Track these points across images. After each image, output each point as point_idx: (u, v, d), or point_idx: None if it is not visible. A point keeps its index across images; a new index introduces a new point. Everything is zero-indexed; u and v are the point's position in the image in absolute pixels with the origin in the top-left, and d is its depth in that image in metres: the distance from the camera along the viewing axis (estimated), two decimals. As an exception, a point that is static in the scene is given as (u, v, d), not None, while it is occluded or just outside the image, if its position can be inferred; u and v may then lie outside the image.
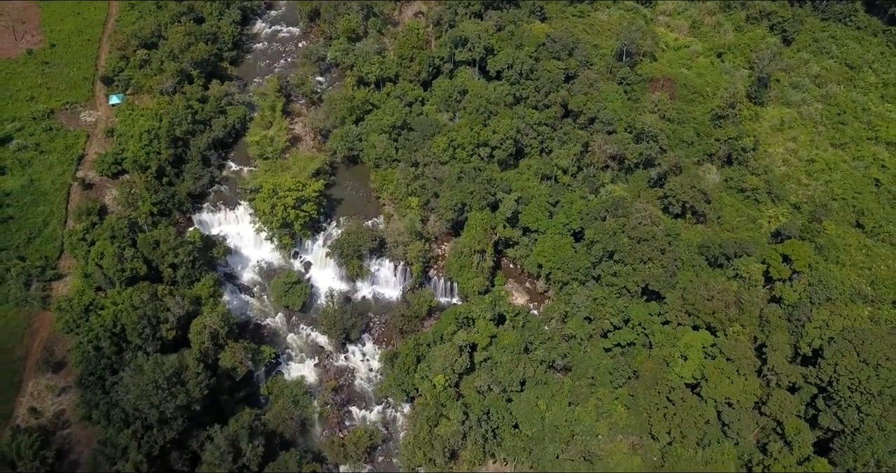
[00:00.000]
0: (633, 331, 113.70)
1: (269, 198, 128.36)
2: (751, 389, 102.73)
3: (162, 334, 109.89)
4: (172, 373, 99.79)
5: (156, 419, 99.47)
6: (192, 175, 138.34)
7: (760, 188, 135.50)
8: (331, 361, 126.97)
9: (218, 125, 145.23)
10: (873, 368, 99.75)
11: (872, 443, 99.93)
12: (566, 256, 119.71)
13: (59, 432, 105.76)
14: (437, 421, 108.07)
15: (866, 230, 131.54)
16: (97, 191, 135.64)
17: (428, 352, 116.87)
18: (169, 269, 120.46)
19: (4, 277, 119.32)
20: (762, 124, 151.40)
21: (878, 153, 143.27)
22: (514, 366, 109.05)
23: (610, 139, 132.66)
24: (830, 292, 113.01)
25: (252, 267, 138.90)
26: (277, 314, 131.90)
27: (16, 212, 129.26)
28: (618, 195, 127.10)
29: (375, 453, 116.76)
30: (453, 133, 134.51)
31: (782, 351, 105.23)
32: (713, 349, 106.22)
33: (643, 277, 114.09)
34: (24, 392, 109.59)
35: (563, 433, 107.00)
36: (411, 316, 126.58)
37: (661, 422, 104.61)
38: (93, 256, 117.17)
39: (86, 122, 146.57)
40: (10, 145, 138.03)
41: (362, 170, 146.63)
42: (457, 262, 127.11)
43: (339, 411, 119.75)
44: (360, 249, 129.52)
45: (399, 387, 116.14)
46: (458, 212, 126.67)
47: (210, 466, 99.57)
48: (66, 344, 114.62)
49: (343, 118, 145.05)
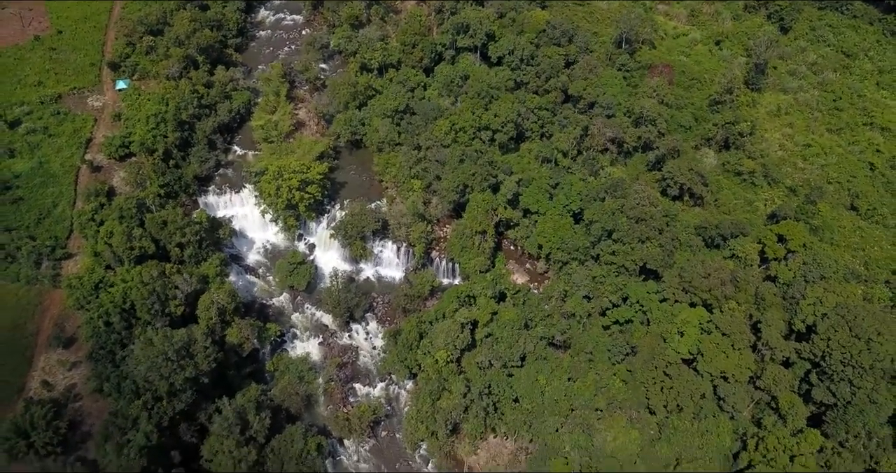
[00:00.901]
0: (631, 309, 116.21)
1: (274, 180, 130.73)
2: (745, 363, 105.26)
3: (170, 310, 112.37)
4: (181, 347, 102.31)
5: (165, 390, 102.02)
6: (199, 158, 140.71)
7: (757, 171, 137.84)
8: (335, 339, 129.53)
9: (223, 110, 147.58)
10: (865, 343, 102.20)
11: (864, 415, 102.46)
12: (566, 236, 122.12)
13: (71, 404, 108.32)
14: (439, 395, 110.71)
15: (860, 213, 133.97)
16: (105, 173, 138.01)
17: (430, 329, 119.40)
18: (176, 249, 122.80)
19: (15, 256, 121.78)
20: (759, 110, 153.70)
21: (873, 138, 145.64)
22: (514, 342, 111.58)
23: (609, 123, 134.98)
24: (824, 271, 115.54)
25: (257, 249, 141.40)
26: (282, 294, 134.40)
27: (26, 193, 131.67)
28: (617, 177, 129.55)
29: (379, 428, 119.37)
30: (455, 117, 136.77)
31: (776, 327, 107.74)
32: (709, 325, 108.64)
33: (641, 256, 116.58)
34: (35, 366, 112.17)
35: (563, 407, 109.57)
36: (414, 296, 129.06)
37: (658, 396, 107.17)
38: (102, 235, 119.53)
39: (93, 107, 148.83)
40: (19, 128, 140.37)
41: (365, 155, 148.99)
42: (458, 243, 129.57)
43: (343, 387, 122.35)
44: (363, 230, 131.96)
45: (402, 363, 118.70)
46: (459, 193, 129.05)
47: (218, 437, 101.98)
48: (76, 321, 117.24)
49: (346, 103, 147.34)
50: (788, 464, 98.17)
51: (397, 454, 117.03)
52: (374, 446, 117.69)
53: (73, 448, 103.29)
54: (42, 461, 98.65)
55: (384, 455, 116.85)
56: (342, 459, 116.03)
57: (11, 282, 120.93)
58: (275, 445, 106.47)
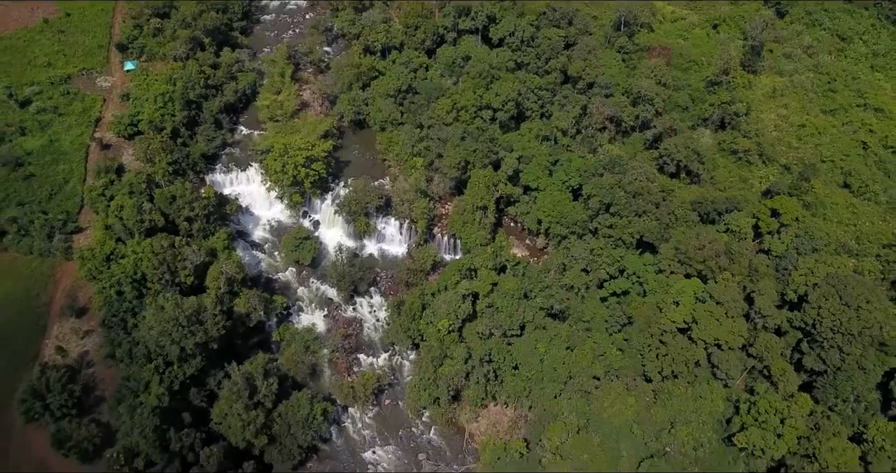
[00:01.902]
0: (627, 281, 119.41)
1: (280, 157, 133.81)
2: (738, 330, 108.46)
3: (180, 279, 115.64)
4: (192, 313, 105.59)
5: (176, 355, 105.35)
6: (206, 137, 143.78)
7: (752, 150, 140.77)
8: (340, 312, 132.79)
9: (229, 90, 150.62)
10: (854, 310, 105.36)
11: (852, 381, 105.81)
12: (565, 211, 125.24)
13: (84, 371, 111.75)
14: (441, 362, 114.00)
15: (853, 190, 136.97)
16: (114, 151, 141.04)
17: (432, 301, 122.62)
18: (185, 223, 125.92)
19: (28, 229, 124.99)
20: (755, 92, 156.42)
21: (866, 119, 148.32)
22: (514, 311, 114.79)
23: (608, 102, 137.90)
24: (816, 243, 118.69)
25: (263, 226, 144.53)
26: (288, 269, 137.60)
27: (37, 169, 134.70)
28: (615, 154, 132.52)
29: (382, 396, 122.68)
30: (457, 96, 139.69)
31: (769, 296, 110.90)
32: (703, 294, 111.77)
33: (638, 229, 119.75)
34: (49, 334, 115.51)
35: (561, 374, 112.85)
36: (416, 270, 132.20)
37: (654, 362, 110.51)
38: (113, 209, 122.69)
39: (101, 87, 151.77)
40: (29, 108, 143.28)
41: (369, 135, 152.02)
42: (460, 219, 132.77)
43: (347, 357, 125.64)
44: (367, 206, 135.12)
45: (405, 333, 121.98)
46: (461, 170, 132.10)
47: (228, 400, 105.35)
48: (87, 292, 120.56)
49: (350, 84, 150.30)
50: (779, 426, 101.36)
51: (400, 421, 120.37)
52: (377, 413, 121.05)
53: (87, 411, 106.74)
54: (57, 422, 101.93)
55: (387, 422, 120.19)
56: (346, 425, 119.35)
57: (25, 255, 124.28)
58: (282, 410, 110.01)
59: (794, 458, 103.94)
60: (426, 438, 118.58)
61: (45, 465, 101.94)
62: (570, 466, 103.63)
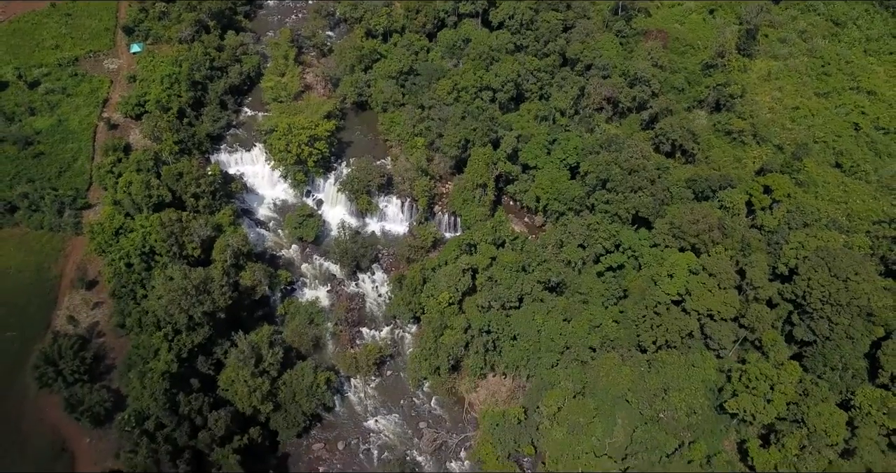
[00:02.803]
0: (623, 255, 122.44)
1: (284, 136, 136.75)
2: (730, 301, 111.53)
3: (188, 252, 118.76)
4: (199, 283, 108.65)
5: (184, 324, 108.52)
6: (211, 117, 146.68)
7: (746, 131, 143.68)
8: (342, 288, 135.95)
9: (234, 72, 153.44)
10: (843, 282, 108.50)
11: (841, 349, 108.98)
12: (562, 188, 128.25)
13: (95, 340, 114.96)
14: (441, 332, 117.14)
15: (844, 169, 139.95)
16: (122, 130, 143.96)
17: (433, 275, 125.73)
18: (192, 199, 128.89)
19: (39, 205, 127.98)
20: (750, 75, 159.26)
21: (858, 101, 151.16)
22: (512, 283, 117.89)
23: (605, 82, 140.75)
24: (807, 218, 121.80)
25: (267, 205, 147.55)
26: (292, 246, 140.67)
27: (46, 148, 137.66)
28: (612, 133, 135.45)
29: (384, 367, 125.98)
30: (457, 77, 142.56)
31: (761, 268, 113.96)
32: (697, 266, 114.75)
33: (634, 204, 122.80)
34: (60, 306, 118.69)
35: (558, 344, 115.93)
36: (417, 247, 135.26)
37: (648, 333, 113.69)
38: (121, 185, 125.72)
39: (108, 69, 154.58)
40: (38, 89, 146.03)
41: (371, 117, 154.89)
42: (460, 196, 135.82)
43: (350, 330, 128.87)
44: (369, 185, 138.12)
45: (406, 306, 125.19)
46: (461, 148, 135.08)
47: (234, 367, 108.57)
48: (97, 265, 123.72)
49: (352, 66, 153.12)
50: (769, 392, 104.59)
51: (401, 391, 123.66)
52: (379, 384, 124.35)
53: (98, 379, 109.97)
54: (70, 388, 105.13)
55: (389, 392, 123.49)
56: (349, 395, 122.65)
57: (35, 230, 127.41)
58: (286, 378, 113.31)
59: (784, 424, 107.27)
60: (427, 408, 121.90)
61: (57, 429, 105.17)
62: (566, 430, 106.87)
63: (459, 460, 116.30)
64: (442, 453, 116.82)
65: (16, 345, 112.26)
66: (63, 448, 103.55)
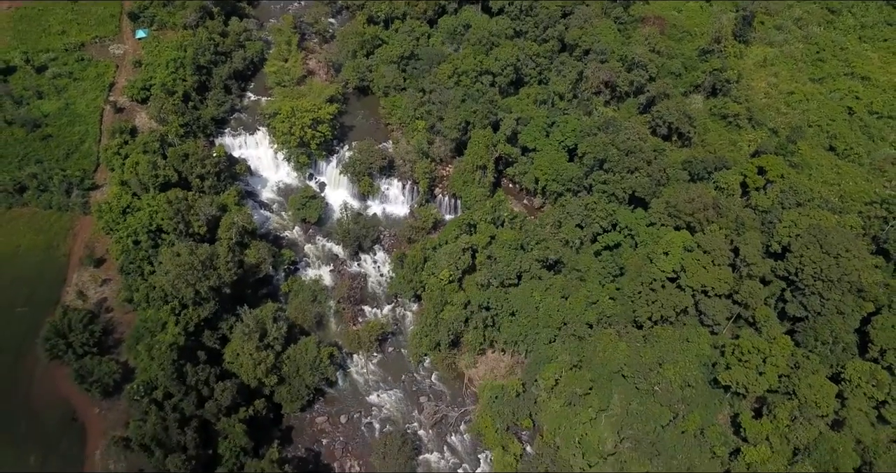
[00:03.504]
0: (620, 234, 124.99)
1: (287, 119, 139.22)
2: (724, 277, 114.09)
3: (194, 230, 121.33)
4: (206, 259, 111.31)
5: (191, 298, 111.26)
6: (215, 101, 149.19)
7: (742, 114, 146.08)
8: (345, 268, 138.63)
9: (238, 57, 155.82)
10: (834, 258, 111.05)
11: (831, 324, 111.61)
12: (561, 169, 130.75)
13: (103, 315, 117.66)
14: (442, 308, 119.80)
15: (838, 152, 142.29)
16: (128, 114, 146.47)
17: (434, 254, 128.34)
18: (197, 180, 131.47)
19: (47, 186, 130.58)
20: (746, 62, 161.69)
21: (853, 86, 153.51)
22: (511, 260, 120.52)
23: (603, 67, 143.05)
24: (800, 198, 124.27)
25: (270, 188, 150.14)
26: (295, 227, 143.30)
27: (54, 131, 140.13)
28: (609, 115, 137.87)
29: (386, 344, 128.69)
30: (458, 61, 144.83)
31: (754, 245, 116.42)
32: (691, 244, 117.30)
33: (630, 184, 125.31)
34: (69, 282, 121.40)
35: (556, 320, 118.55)
36: (418, 228, 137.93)
37: (644, 308, 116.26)
38: (128, 166, 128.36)
39: (114, 54, 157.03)
40: (46, 73, 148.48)
41: (373, 101, 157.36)
42: (460, 178, 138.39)
43: (353, 308, 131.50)
44: (370, 167, 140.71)
45: (408, 284, 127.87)
46: (461, 131, 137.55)
47: (240, 341, 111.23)
48: (104, 244, 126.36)
49: (354, 51, 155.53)
50: (761, 364, 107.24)
51: (402, 367, 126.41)
52: (381, 360, 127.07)
53: (107, 352, 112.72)
54: (79, 360, 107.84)
55: (391, 368, 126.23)
56: (352, 371, 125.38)
57: (44, 209, 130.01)
58: (290, 353, 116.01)
59: (776, 396, 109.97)
60: (427, 383, 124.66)
61: (67, 400, 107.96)
62: (563, 401, 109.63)
63: (459, 433, 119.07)
64: (442, 426, 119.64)
65: (27, 320, 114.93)
66: (73, 417, 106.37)
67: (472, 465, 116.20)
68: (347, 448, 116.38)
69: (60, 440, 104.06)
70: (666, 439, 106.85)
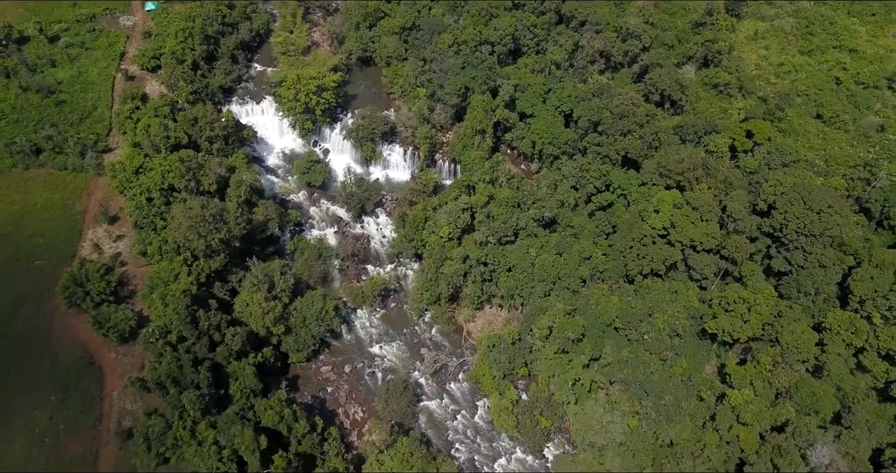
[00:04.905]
0: (613, 194, 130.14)
1: (293, 86, 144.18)
2: (712, 232, 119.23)
3: (204, 187, 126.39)
4: (217, 212, 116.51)
5: (202, 250, 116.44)
6: (223, 70, 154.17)
7: (732, 84, 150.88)
8: (348, 229, 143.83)
9: (244, 29, 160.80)
10: (816, 213, 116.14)
11: (813, 276, 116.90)
12: (556, 132, 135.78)
13: (118, 269, 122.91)
14: (442, 263, 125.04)
15: (824, 120, 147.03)
16: (138, 82, 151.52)
17: (434, 215, 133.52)
18: (206, 143, 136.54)
19: (62, 147, 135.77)
20: (738, 35, 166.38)
21: (840, 58, 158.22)
22: (509, 218, 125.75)
23: (598, 36, 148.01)
24: (786, 159, 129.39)
25: (276, 154, 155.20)
26: (300, 191, 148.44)
27: (68, 97, 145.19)
28: (604, 83, 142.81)
29: (388, 300, 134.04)
30: (458, 31, 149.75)
31: (741, 202, 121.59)
32: (681, 201, 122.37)
33: (623, 146, 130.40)
34: (84, 238, 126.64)
35: (550, 274, 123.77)
36: (419, 191, 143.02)
37: (635, 262, 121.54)
38: (140, 128, 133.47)
39: (124, 26, 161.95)
40: (58, 43, 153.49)
41: (375, 72, 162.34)
42: (460, 143, 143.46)
43: (356, 266, 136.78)
44: (373, 132, 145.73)
45: (409, 243, 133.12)
46: (461, 97, 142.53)
47: (249, 291, 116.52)
48: (118, 203, 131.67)
49: (358, 23, 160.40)
50: (746, 313, 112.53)
51: (404, 321, 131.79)
52: (383, 315, 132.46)
53: (122, 302, 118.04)
54: (97, 308, 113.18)
55: (393, 322, 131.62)
56: (356, 325, 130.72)
57: (60, 170, 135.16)
58: (297, 305, 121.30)
59: (759, 344, 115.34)
60: (428, 335, 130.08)
61: (85, 346, 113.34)
62: (556, 347, 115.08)
63: (458, 381, 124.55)
64: (442, 375, 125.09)
65: (45, 273, 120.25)
66: (91, 361, 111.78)
67: (470, 411, 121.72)
68: (351, 396, 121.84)
69: (79, 381, 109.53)
70: (654, 381, 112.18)
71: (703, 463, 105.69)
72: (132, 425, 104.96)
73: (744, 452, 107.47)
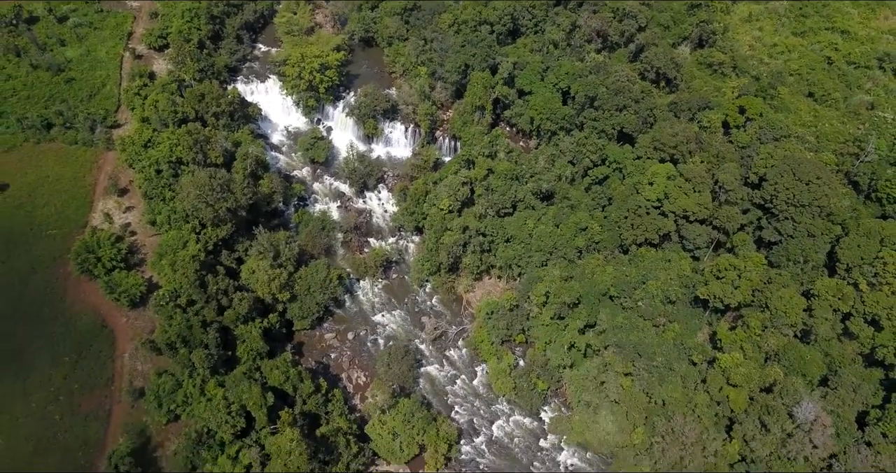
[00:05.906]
0: (609, 168, 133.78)
1: (297, 64, 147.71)
2: (704, 203, 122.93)
3: (211, 160, 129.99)
4: (224, 182, 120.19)
5: (210, 218, 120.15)
6: (228, 50, 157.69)
7: (726, 63, 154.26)
8: (351, 204, 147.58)
9: (249, 10, 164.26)
10: (805, 184, 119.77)
11: (802, 245, 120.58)
12: (554, 108, 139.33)
13: (127, 238, 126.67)
14: (442, 234, 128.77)
15: (816, 98, 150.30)
16: (146, 60, 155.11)
17: (435, 188, 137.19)
18: (213, 118, 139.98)
19: (72, 123, 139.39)
20: (733, 17, 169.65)
21: (832, 39, 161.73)
22: (507, 190, 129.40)
23: (595, 16, 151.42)
24: (777, 133, 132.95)
25: (280, 132, 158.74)
26: (304, 167, 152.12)
27: (77, 74, 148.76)
28: (601, 61, 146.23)
29: (390, 271, 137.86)
30: (458, 11, 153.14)
31: (732, 174, 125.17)
32: (674, 173, 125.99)
33: (619, 121, 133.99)
34: (95, 209, 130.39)
35: (547, 245, 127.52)
36: (420, 167, 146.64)
37: (630, 231, 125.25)
38: (148, 103, 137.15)
39: (131, 6, 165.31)
40: (67, 22, 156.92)
41: (377, 53, 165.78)
42: (460, 119, 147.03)
43: (359, 239, 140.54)
44: (375, 109, 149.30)
45: (410, 216, 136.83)
46: (461, 74, 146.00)
47: (255, 259, 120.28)
48: (127, 176, 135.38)
49: (360, 5, 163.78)
50: (736, 279, 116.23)
51: (406, 291, 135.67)
52: (385, 285, 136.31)
53: (132, 268, 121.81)
54: (108, 273, 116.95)
55: (395, 292, 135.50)
56: (359, 294, 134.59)
57: (70, 145, 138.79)
58: (302, 273, 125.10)
59: (749, 310, 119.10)
60: (428, 305, 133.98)
61: (98, 310, 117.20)
62: (552, 313, 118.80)
63: (457, 348, 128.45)
64: (442, 342, 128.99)
65: (58, 241, 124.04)
66: (103, 325, 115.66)
67: (469, 376, 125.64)
68: (354, 361, 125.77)
69: (91, 343, 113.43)
70: (647, 344, 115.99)
71: (693, 421, 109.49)
72: (143, 384, 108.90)
73: (733, 412, 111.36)
